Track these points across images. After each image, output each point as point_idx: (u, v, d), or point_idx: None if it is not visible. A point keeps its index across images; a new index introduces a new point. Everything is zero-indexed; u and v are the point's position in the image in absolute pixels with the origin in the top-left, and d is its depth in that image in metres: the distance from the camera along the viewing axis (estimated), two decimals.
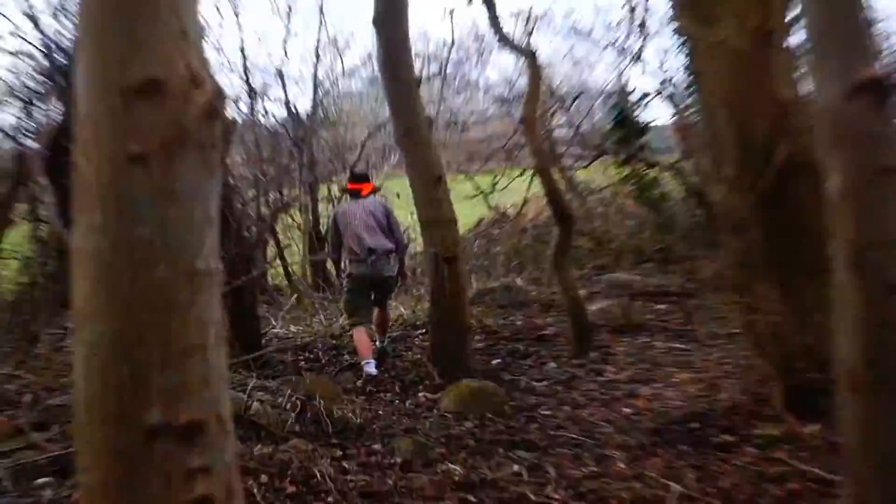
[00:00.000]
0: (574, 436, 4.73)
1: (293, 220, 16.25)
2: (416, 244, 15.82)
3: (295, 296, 12.71)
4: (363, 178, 8.41)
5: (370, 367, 7.27)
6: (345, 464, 4.26)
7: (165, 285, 1.06)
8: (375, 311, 8.08)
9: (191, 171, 1.09)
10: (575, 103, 14.44)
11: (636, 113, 11.08)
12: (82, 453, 1.05)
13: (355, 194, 8.20)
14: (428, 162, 6.72)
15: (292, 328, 9.80)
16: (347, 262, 8.22)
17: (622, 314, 8.49)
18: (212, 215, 1.11)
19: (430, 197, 6.72)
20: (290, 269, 15.32)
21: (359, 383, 6.86)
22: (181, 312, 1.07)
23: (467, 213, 17.15)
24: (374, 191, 8.49)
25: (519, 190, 16.58)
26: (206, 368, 1.09)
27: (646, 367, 6.61)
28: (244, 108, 15.30)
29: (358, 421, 5.22)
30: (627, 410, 5.26)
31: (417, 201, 6.83)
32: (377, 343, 8.09)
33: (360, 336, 7.63)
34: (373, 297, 8.04)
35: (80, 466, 1.06)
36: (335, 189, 16.22)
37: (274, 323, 10.33)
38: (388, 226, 7.92)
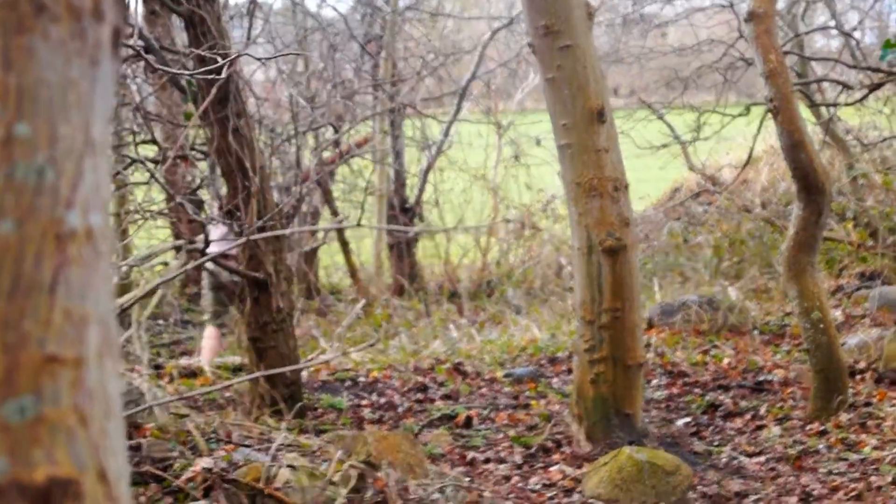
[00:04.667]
0: None
1: (362, 175, 16.44)
2: (564, 224, 15.80)
3: (361, 302, 12.88)
4: None
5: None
6: None
7: (11, 252, 1.04)
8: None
9: (53, 54, 1.07)
10: None
11: None
12: None
13: None
14: (581, 82, 6.70)
15: (354, 355, 9.95)
16: None
17: None
18: (94, 137, 1.09)
19: (584, 144, 6.74)
20: (354, 259, 15.55)
21: None
22: (38, 298, 1.06)
23: (651, 175, 16.99)
24: None
25: (740, 140, 16.35)
26: (80, 395, 1.08)
27: None
28: None
29: None
30: None
31: (563, 151, 6.83)
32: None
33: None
34: None
35: None
36: (432, 126, 16.32)
37: (324, 345, 10.52)
38: None
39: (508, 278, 16.22)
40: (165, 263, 12.89)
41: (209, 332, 10.84)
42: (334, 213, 15.45)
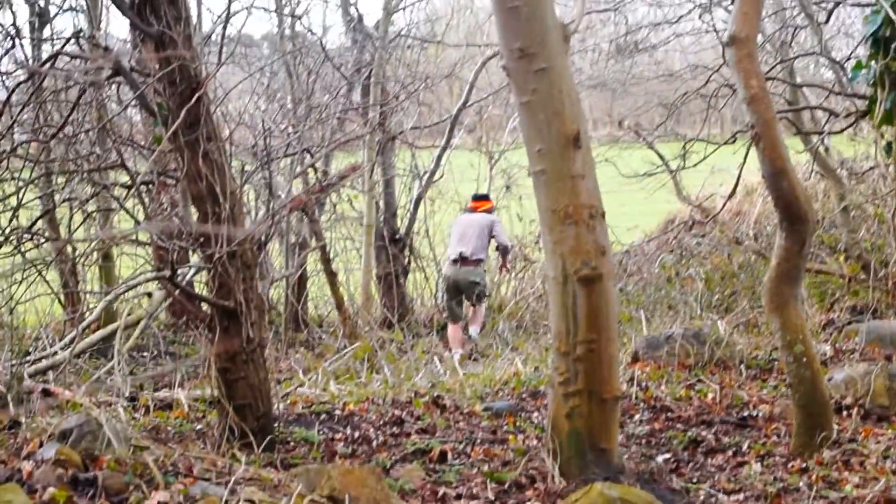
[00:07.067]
0: None
1: (351, 204, 16.33)
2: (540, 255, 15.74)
3: (345, 336, 12.79)
4: (482, 197, 15.53)
5: (456, 357, 13.07)
6: None
7: None
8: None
9: None
10: (833, 16, 13.92)
11: None
12: None
13: (471, 211, 15.10)
14: (557, 107, 6.58)
15: (332, 388, 9.82)
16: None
17: (887, 389, 8.33)
18: None
19: (559, 170, 6.60)
20: (341, 291, 15.42)
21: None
22: None
23: (647, 208, 16.85)
24: (490, 210, 15.28)
25: (734, 170, 16.25)
26: None
27: None
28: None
29: None
30: None
31: (538, 177, 6.71)
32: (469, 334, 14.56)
33: (451, 330, 14.49)
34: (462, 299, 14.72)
35: None
36: (424, 157, 16.22)
37: (302, 377, 10.39)
38: (489, 235, 14.66)
39: (499, 311, 16.10)
40: (149, 294, 12.78)
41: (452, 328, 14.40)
42: (322, 246, 15.32)
